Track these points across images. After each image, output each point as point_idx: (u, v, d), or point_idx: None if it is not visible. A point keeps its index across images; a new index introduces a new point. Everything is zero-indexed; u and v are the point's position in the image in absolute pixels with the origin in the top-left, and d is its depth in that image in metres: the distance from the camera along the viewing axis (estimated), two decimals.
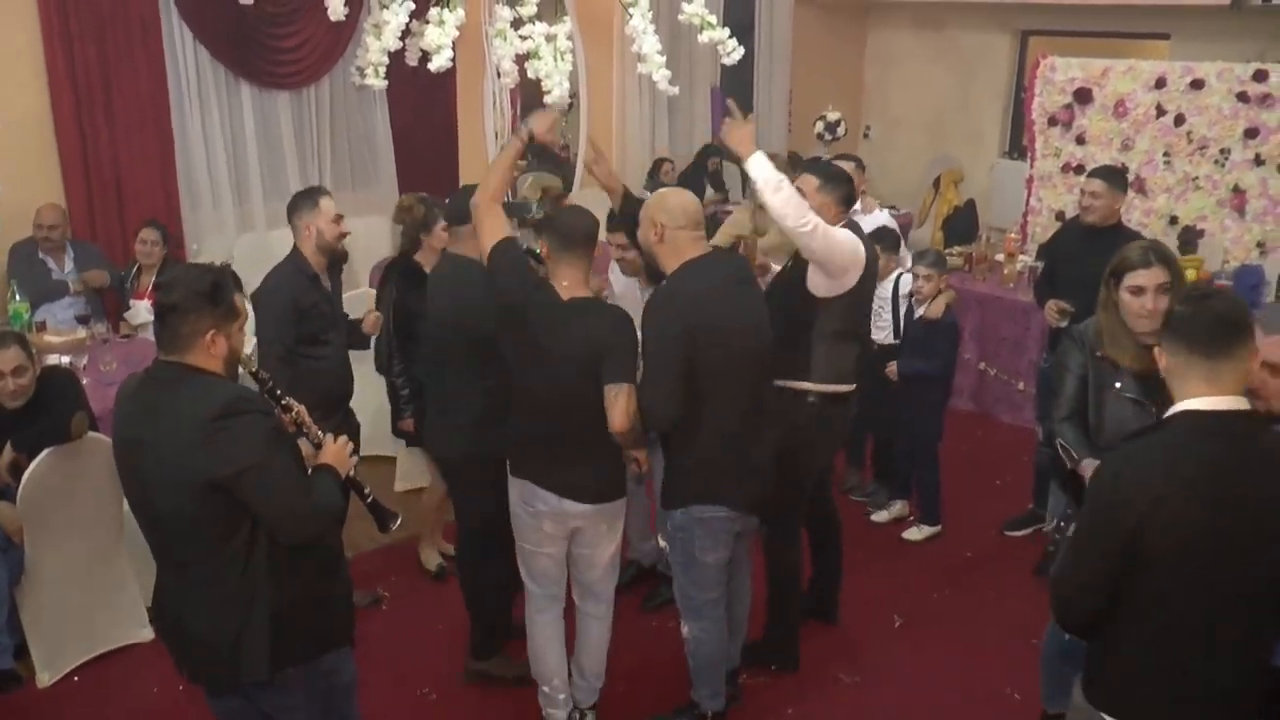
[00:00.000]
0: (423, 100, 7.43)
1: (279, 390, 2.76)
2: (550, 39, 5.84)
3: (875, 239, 4.26)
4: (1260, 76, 6.49)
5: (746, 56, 6.52)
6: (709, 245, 3.44)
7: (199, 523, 2.47)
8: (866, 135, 10.88)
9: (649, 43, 6.01)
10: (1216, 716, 2.28)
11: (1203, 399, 2.20)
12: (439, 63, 5.54)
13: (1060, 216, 7.07)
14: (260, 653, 2.53)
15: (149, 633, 4.16)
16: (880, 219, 5.66)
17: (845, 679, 4.10)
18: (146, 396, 2.53)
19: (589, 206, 3.64)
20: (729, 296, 3.27)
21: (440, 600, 4.50)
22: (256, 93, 6.70)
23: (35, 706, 3.90)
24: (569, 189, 8.29)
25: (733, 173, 8.75)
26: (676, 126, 9.23)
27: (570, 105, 6.83)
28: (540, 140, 3.53)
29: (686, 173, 8.62)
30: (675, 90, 6.29)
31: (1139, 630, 2.26)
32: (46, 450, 3.80)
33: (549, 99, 5.75)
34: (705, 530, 3.37)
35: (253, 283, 3.72)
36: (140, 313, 5.50)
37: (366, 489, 2.88)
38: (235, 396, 2.47)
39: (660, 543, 3.68)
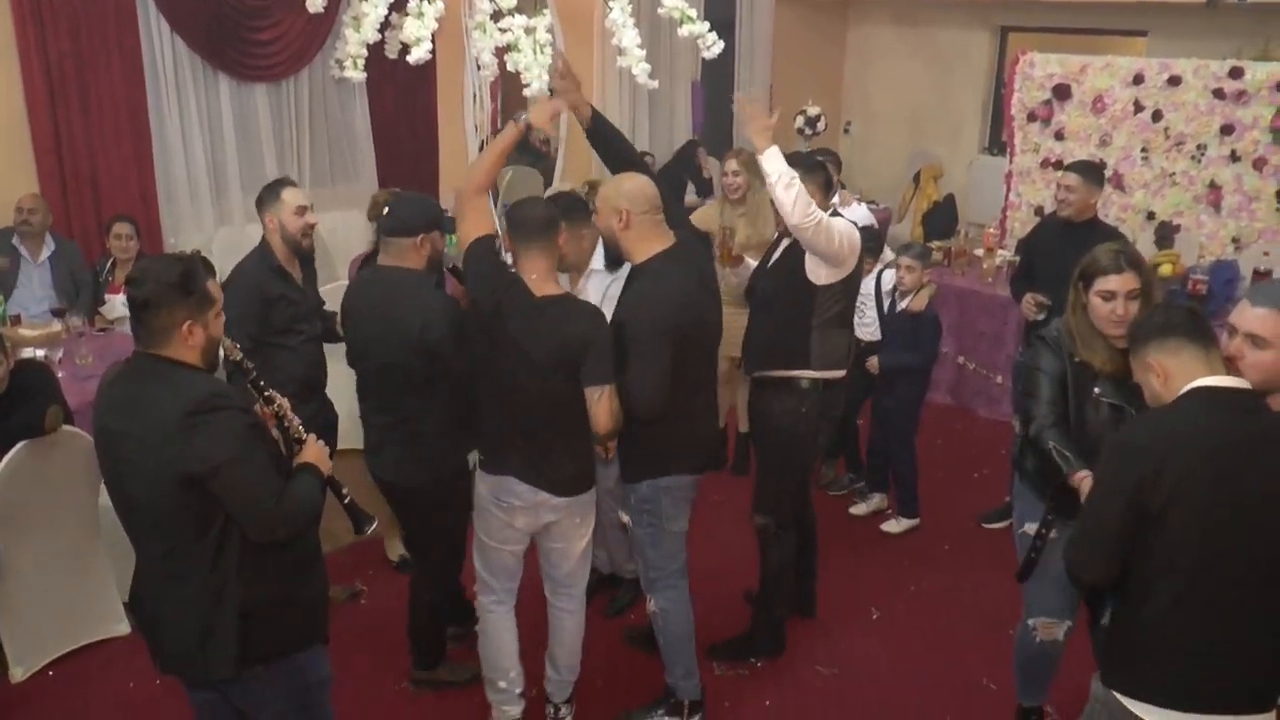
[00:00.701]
0: (402, 93, 7.39)
1: (262, 381, 2.74)
2: (530, 32, 5.84)
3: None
4: (1235, 74, 6.54)
5: (727, 51, 6.54)
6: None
7: (173, 516, 2.45)
8: (847, 130, 10.90)
9: (629, 36, 6.01)
10: (1236, 695, 2.32)
11: (1210, 378, 2.33)
12: (418, 55, 5.53)
13: (1039, 212, 7.12)
14: (228, 650, 2.52)
15: (125, 626, 4.14)
16: (859, 214, 5.67)
17: (823, 671, 4.11)
18: (125, 388, 2.51)
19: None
20: (705, 290, 3.41)
21: None
22: (234, 85, 6.64)
23: (9, 701, 3.87)
24: (549, 182, 8.29)
25: (711, 167, 8.73)
26: (657, 121, 9.21)
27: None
28: (537, 127, 3.51)
29: (668, 167, 8.61)
30: (655, 84, 6.29)
31: (1156, 612, 2.32)
32: (21, 443, 3.78)
33: (528, 92, 5.74)
34: (671, 499, 3.47)
35: None
36: (116, 306, 5.46)
37: (344, 490, 2.88)
38: (211, 392, 2.46)
39: (622, 519, 3.68)
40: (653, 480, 3.44)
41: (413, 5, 5.59)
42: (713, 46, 6.10)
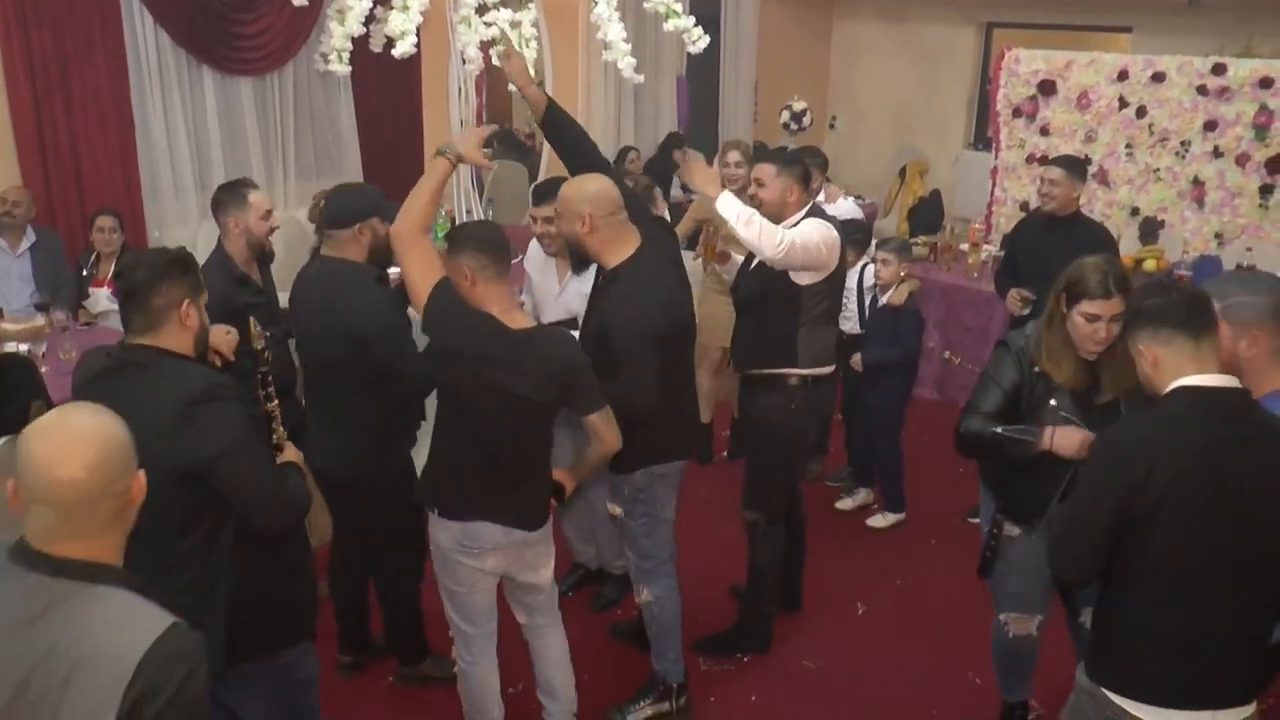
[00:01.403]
0: (387, 87, 7.37)
1: (270, 377, 2.73)
2: (515, 26, 5.84)
3: (846, 232, 4.27)
4: (1219, 70, 6.58)
5: (712, 46, 6.54)
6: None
7: (162, 512, 2.43)
8: (832, 126, 10.93)
9: (614, 30, 6.01)
10: (1220, 688, 2.33)
11: (1195, 376, 2.29)
12: (403, 49, 5.51)
13: (1025, 207, 7.14)
14: (216, 646, 2.51)
15: None
16: (847, 208, 5.68)
17: (809, 665, 4.12)
18: (114, 382, 2.45)
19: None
20: (683, 285, 3.51)
21: None
22: (219, 79, 6.60)
23: None
24: (534, 176, 8.28)
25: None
26: (642, 115, 9.21)
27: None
28: (469, 161, 3.28)
29: (654, 161, 8.61)
30: (640, 79, 6.29)
31: (1141, 607, 2.34)
32: (4, 438, 3.75)
33: (513, 87, 5.73)
34: (664, 485, 3.54)
35: None
36: (100, 300, 5.42)
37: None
38: (212, 382, 2.45)
39: (613, 510, 3.67)
40: (646, 468, 3.46)
41: None
42: (698, 41, 6.10)
